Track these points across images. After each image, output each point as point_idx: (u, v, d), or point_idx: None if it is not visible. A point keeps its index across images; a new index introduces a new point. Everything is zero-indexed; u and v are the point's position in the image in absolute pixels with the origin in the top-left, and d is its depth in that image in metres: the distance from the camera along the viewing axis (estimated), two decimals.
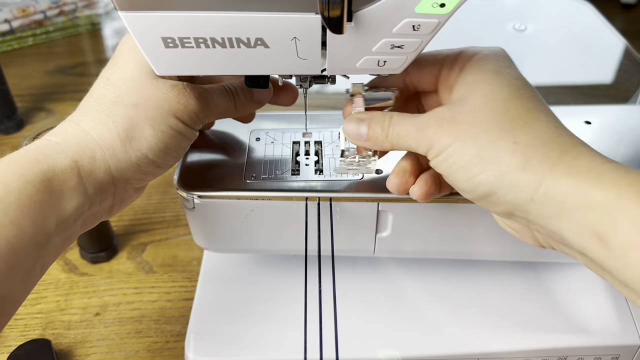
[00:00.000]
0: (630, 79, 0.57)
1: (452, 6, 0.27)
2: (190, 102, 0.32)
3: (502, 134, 0.27)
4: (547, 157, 0.26)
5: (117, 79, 0.32)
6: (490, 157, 0.27)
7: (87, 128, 0.30)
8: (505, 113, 0.28)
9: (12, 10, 0.85)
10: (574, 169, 0.25)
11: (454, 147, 0.28)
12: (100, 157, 0.30)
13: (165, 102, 0.31)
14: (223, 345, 0.39)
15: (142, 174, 0.32)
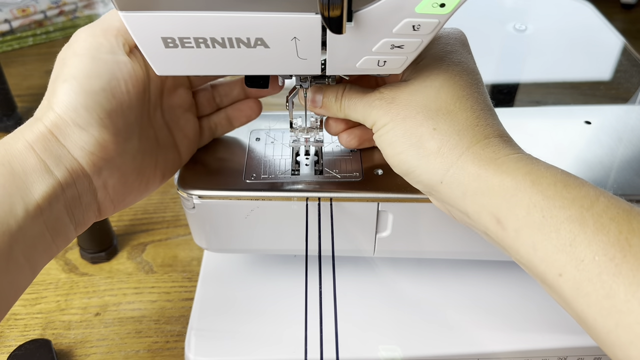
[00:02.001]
0: (630, 79, 0.57)
1: (452, 6, 0.27)
2: (136, 67, 0.31)
3: (426, 120, 0.30)
4: (458, 146, 0.29)
5: (68, 55, 0.31)
6: (413, 140, 0.30)
7: (37, 112, 0.31)
8: (435, 100, 0.30)
9: (12, 10, 0.85)
10: (479, 158, 0.29)
11: (388, 127, 0.31)
12: (46, 131, 0.30)
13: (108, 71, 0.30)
14: (223, 345, 0.39)
15: (95, 145, 0.30)
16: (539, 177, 0.27)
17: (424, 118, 0.30)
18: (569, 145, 0.41)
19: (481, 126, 0.30)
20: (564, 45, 0.62)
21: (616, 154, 0.40)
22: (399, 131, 0.31)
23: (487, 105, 0.31)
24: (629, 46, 0.60)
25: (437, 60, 0.32)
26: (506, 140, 0.30)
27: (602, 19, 0.64)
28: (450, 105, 0.30)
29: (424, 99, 0.31)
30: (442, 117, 0.30)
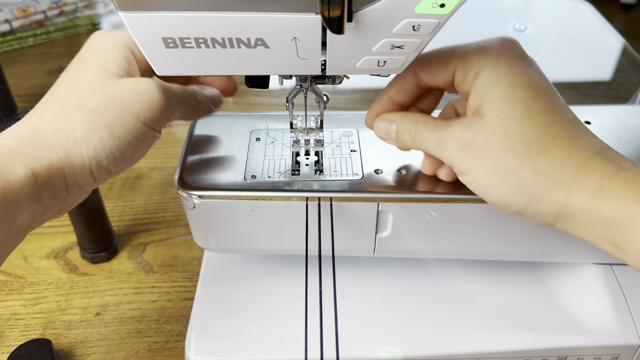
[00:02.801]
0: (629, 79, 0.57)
1: (452, 6, 0.27)
2: (154, 99, 0.31)
3: (521, 162, 0.29)
4: (564, 183, 0.28)
5: (81, 82, 0.31)
6: (513, 186, 0.29)
7: (45, 134, 0.29)
8: (520, 138, 0.29)
9: (13, 10, 0.85)
10: (586, 191, 0.28)
11: (475, 173, 0.30)
12: (57, 164, 0.29)
13: (128, 103, 0.30)
14: (223, 345, 0.39)
15: (94, 181, 0.31)
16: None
17: (516, 160, 0.29)
18: None
19: (578, 151, 0.28)
20: (564, 45, 0.62)
21: None
22: (492, 177, 0.30)
23: (573, 123, 0.30)
24: (628, 46, 0.60)
25: (509, 88, 0.29)
26: (606, 157, 0.29)
27: (601, 19, 0.64)
28: (539, 139, 0.28)
29: (507, 138, 0.29)
30: (536, 154, 0.28)
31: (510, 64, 0.30)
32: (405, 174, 0.38)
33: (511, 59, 0.30)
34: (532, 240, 0.40)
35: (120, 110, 0.30)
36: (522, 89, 0.29)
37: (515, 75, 0.29)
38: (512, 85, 0.29)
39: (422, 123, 0.32)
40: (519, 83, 0.29)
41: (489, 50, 0.30)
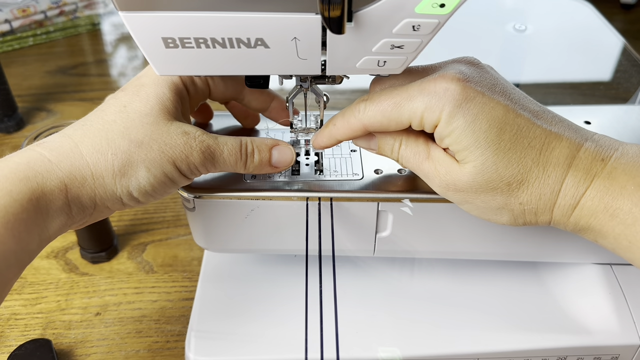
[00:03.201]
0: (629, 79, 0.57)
1: (452, 6, 0.27)
2: (194, 154, 0.32)
3: (507, 199, 0.30)
4: (546, 207, 0.31)
5: (134, 110, 0.31)
6: (508, 214, 0.31)
7: (84, 152, 0.30)
8: (501, 180, 0.30)
9: (13, 10, 0.85)
10: (565, 211, 0.30)
11: (468, 207, 0.32)
12: (90, 183, 0.30)
13: (169, 147, 0.31)
14: (223, 345, 0.39)
15: (122, 205, 0.32)
16: (624, 214, 0.29)
17: (503, 199, 0.30)
18: None
19: (552, 174, 0.30)
20: (564, 45, 0.62)
21: None
22: (486, 211, 0.32)
23: (541, 136, 0.30)
24: (628, 46, 0.60)
25: (470, 134, 0.29)
26: (578, 167, 0.30)
27: (601, 19, 0.64)
28: (517, 176, 0.30)
29: (489, 183, 0.30)
30: (518, 190, 0.30)
31: (462, 109, 0.29)
32: (405, 174, 0.38)
33: (459, 103, 0.29)
34: (531, 241, 0.40)
35: (161, 151, 0.31)
36: (484, 132, 0.29)
37: (472, 121, 0.29)
38: (474, 133, 0.29)
39: (404, 146, 0.33)
40: (478, 128, 0.29)
41: (437, 103, 0.29)
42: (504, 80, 0.32)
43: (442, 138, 0.30)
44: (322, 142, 0.35)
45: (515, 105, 0.30)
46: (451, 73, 0.30)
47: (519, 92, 0.32)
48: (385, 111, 0.31)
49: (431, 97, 0.29)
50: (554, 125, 0.31)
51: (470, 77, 0.30)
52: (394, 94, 0.31)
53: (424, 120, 0.30)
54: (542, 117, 0.31)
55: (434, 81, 0.30)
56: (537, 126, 0.30)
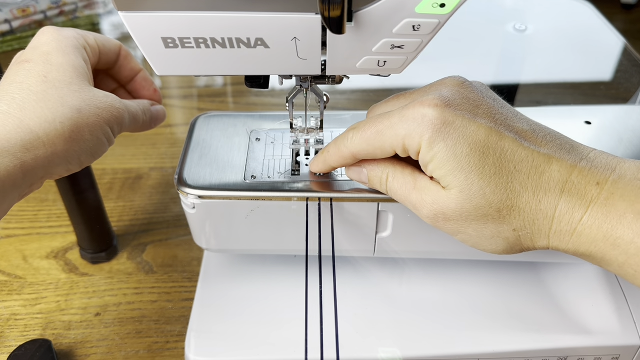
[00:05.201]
0: (630, 79, 0.57)
1: (452, 6, 0.27)
2: (121, 114, 0.34)
3: (499, 226, 0.29)
4: (541, 232, 0.29)
5: (56, 79, 0.32)
6: (502, 242, 0.30)
7: (31, 125, 0.30)
8: (490, 206, 0.29)
9: (12, 10, 0.85)
10: (563, 237, 0.29)
11: (461, 237, 0.31)
12: (43, 155, 0.30)
13: (102, 111, 0.33)
14: (223, 345, 0.39)
15: (65, 171, 0.33)
16: (618, 240, 0.27)
17: (495, 226, 0.29)
18: None
19: (544, 198, 0.29)
20: (564, 45, 0.62)
21: (616, 154, 0.40)
22: (480, 240, 0.31)
23: (528, 157, 0.29)
24: (629, 46, 0.60)
25: (452, 159, 0.29)
26: (571, 191, 0.28)
27: (602, 19, 0.64)
28: (506, 201, 0.29)
29: (478, 209, 0.29)
30: (509, 216, 0.29)
31: (441, 134, 0.29)
32: None
33: (437, 128, 0.29)
34: None
35: (97, 115, 0.33)
36: (466, 156, 0.28)
37: (452, 145, 0.29)
38: (455, 157, 0.29)
39: (391, 178, 0.32)
40: (460, 152, 0.29)
41: (416, 129, 0.29)
42: (491, 99, 0.31)
43: (425, 164, 0.30)
44: (318, 167, 0.36)
45: (500, 126, 0.29)
46: (429, 98, 0.29)
47: (507, 111, 0.31)
48: (369, 139, 0.31)
49: (409, 123, 0.29)
50: (543, 146, 0.29)
51: (451, 99, 0.30)
52: (377, 122, 0.31)
53: (406, 147, 0.30)
54: (530, 137, 0.30)
55: (412, 107, 0.29)
56: (524, 148, 0.29)
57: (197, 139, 0.41)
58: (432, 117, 0.29)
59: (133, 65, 0.41)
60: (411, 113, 0.29)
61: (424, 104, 0.29)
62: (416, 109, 0.29)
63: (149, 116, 0.39)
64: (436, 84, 0.32)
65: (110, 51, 0.39)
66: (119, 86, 0.42)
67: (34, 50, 0.34)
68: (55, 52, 0.33)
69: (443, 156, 0.29)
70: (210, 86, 0.77)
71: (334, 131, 0.42)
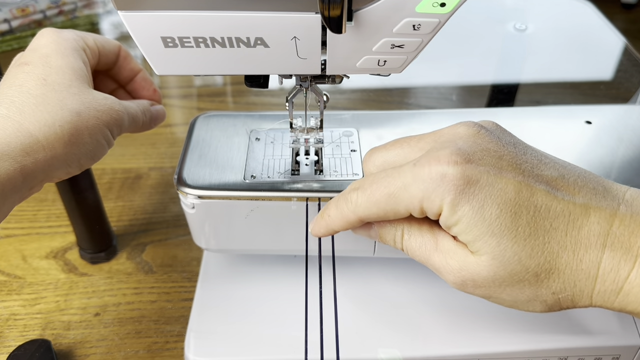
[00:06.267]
0: (630, 78, 0.57)
1: (452, 6, 0.27)
2: (121, 116, 0.34)
3: (537, 291, 0.26)
4: (583, 293, 0.26)
5: (56, 82, 0.32)
6: (541, 304, 0.27)
7: (31, 129, 0.30)
8: (527, 272, 0.26)
9: (12, 10, 0.84)
10: (608, 297, 0.26)
11: (495, 300, 0.28)
12: (43, 158, 0.30)
13: (102, 114, 0.33)
14: (223, 345, 0.39)
15: (66, 175, 0.33)
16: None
17: (532, 291, 0.26)
18: (570, 145, 0.41)
19: (585, 257, 0.26)
20: (565, 45, 0.62)
21: (617, 154, 0.40)
22: (516, 303, 0.28)
23: (566, 213, 0.26)
24: (629, 46, 0.60)
25: (480, 223, 0.26)
26: (614, 245, 0.25)
27: (602, 18, 0.64)
28: (544, 265, 0.26)
29: (513, 276, 0.26)
30: (548, 280, 0.26)
31: (465, 196, 0.26)
32: None
33: (461, 189, 0.25)
34: None
35: (96, 118, 0.33)
36: (496, 218, 0.25)
37: (479, 208, 0.25)
38: (484, 221, 0.25)
39: (407, 238, 0.29)
40: (489, 215, 0.25)
41: (435, 191, 0.26)
42: (512, 145, 0.28)
43: (448, 227, 0.27)
44: (320, 232, 0.32)
45: (529, 178, 0.26)
46: (446, 154, 0.26)
47: (531, 157, 0.28)
48: (379, 202, 0.27)
49: (427, 184, 0.26)
50: (577, 194, 0.26)
51: (471, 153, 0.26)
52: (387, 181, 0.27)
53: (424, 210, 0.27)
54: (561, 185, 0.27)
55: (428, 165, 0.26)
56: (558, 200, 0.26)
57: (196, 139, 0.41)
58: (454, 177, 0.25)
59: (132, 66, 0.41)
60: (427, 172, 0.26)
61: (441, 161, 0.26)
62: (433, 167, 0.26)
63: (149, 117, 0.39)
64: (447, 133, 0.29)
65: (110, 52, 0.39)
66: (118, 87, 0.42)
67: (33, 53, 0.33)
68: (54, 54, 0.33)
69: (470, 220, 0.25)
70: (210, 86, 0.77)
71: (334, 131, 0.42)
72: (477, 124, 0.29)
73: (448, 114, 0.44)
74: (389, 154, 0.30)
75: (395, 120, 0.44)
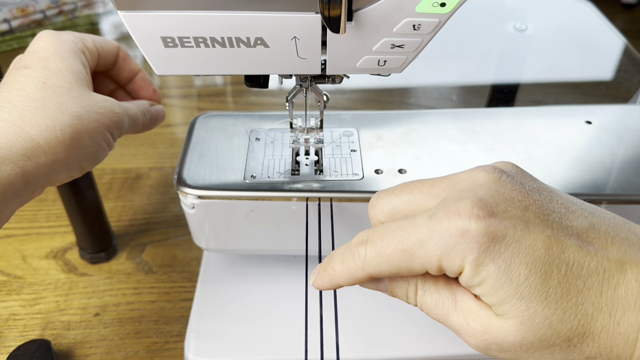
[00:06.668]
0: (630, 78, 0.57)
1: (452, 5, 0.27)
2: (121, 119, 0.34)
3: (569, 356, 0.24)
4: (620, 357, 0.24)
5: (56, 86, 0.32)
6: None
7: (32, 133, 0.30)
8: (558, 336, 0.23)
9: (12, 10, 0.84)
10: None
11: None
12: (44, 162, 0.31)
13: (102, 117, 0.33)
14: (223, 345, 0.39)
15: (67, 178, 0.33)
16: None
17: (564, 355, 0.24)
18: (570, 145, 0.41)
19: (623, 318, 0.23)
20: (565, 44, 0.62)
21: (617, 153, 0.40)
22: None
23: (600, 270, 0.23)
24: (629, 46, 0.60)
25: (507, 285, 0.23)
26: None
27: (602, 18, 0.64)
28: (578, 328, 0.23)
29: (543, 341, 0.24)
30: (581, 345, 0.24)
31: (490, 255, 0.23)
32: (405, 173, 0.38)
33: (485, 247, 0.23)
34: None
35: (97, 121, 0.33)
36: (525, 279, 0.23)
37: (506, 268, 0.23)
38: (512, 282, 0.23)
39: (421, 294, 0.26)
40: (516, 276, 0.23)
41: (456, 249, 0.23)
42: (536, 191, 0.25)
43: (470, 287, 0.24)
44: (323, 286, 0.29)
45: (558, 231, 0.24)
46: (466, 206, 0.23)
47: (558, 205, 0.25)
48: (392, 259, 0.25)
49: (446, 241, 0.23)
50: (610, 246, 0.24)
51: (494, 205, 0.24)
52: (399, 235, 0.24)
53: (443, 269, 0.24)
54: (593, 238, 0.24)
55: (446, 219, 0.23)
56: (591, 256, 0.23)
57: (196, 139, 0.41)
58: (477, 233, 0.23)
59: (132, 66, 0.41)
60: (447, 227, 0.23)
61: (462, 215, 0.23)
62: (452, 221, 0.23)
63: (148, 117, 0.39)
64: (465, 180, 0.26)
65: (109, 53, 0.39)
66: (118, 87, 0.42)
67: (32, 56, 0.33)
68: (53, 57, 0.33)
69: (495, 282, 0.23)
70: (210, 86, 0.77)
71: (334, 131, 0.42)
72: (497, 169, 0.26)
73: (448, 114, 0.44)
74: (398, 200, 0.27)
75: (395, 120, 0.44)
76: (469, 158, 0.39)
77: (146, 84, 0.42)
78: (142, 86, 0.41)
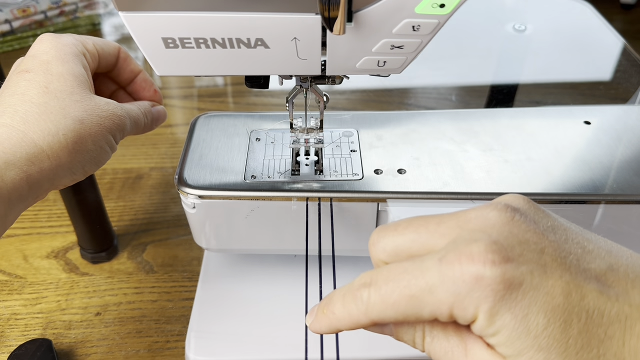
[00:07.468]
0: (629, 79, 0.57)
1: (451, 6, 0.27)
2: (123, 121, 0.34)
3: None
4: None
5: (58, 90, 0.32)
6: None
7: (35, 138, 0.30)
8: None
9: (13, 10, 0.85)
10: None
11: None
12: (48, 167, 0.31)
13: (104, 120, 0.33)
14: (223, 345, 0.39)
15: (70, 182, 0.33)
16: None
17: None
18: (569, 145, 0.41)
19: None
20: (564, 45, 0.62)
21: (616, 154, 0.40)
22: None
23: (622, 317, 0.22)
24: (628, 46, 0.60)
25: (524, 336, 0.21)
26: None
27: (601, 19, 0.64)
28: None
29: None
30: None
31: (506, 303, 0.21)
32: (405, 173, 0.38)
33: (501, 295, 0.21)
34: None
35: (99, 125, 0.33)
36: (543, 329, 0.21)
37: (523, 317, 0.21)
38: (529, 333, 0.21)
39: (428, 338, 0.25)
40: (534, 326, 0.21)
41: (469, 297, 0.21)
42: (551, 230, 0.24)
43: (484, 336, 0.23)
44: (321, 330, 0.26)
45: (577, 275, 0.22)
46: (480, 251, 0.21)
47: (574, 242, 0.24)
48: (398, 305, 0.23)
49: (458, 288, 0.21)
50: (630, 290, 0.22)
51: (508, 249, 0.22)
52: (406, 280, 0.23)
53: (454, 317, 0.22)
54: (612, 281, 0.23)
55: (458, 263, 0.22)
56: (612, 302, 0.22)
57: (197, 139, 0.41)
58: (492, 280, 0.21)
59: (133, 67, 0.41)
60: (459, 273, 0.21)
61: (475, 259, 0.21)
62: (465, 266, 0.21)
63: (150, 118, 0.39)
64: (476, 218, 0.24)
65: (110, 54, 0.39)
66: (118, 88, 0.42)
67: (33, 59, 0.33)
68: (55, 61, 0.33)
69: (512, 332, 0.21)
70: (210, 86, 0.77)
71: (334, 131, 0.42)
72: (510, 207, 0.24)
73: (447, 115, 0.45)
74: (402, 239, 0.25)
75: (394, 120, 0.44)
76: (468, 158, 0.40)
77: (147, 84, 0.42)
78: (143, 87, 0.42)
